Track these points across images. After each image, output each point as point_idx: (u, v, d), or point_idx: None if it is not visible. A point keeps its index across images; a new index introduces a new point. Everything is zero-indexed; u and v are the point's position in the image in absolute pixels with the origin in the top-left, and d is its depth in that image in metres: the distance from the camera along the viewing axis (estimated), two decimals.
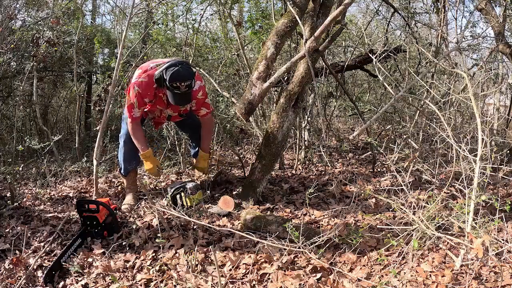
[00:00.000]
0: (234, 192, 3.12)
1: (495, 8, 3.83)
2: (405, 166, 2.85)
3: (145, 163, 2.81)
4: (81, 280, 1.99)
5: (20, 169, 4.13)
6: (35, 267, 2.09)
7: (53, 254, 2.25)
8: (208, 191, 3.08)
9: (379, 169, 3.65)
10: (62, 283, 1.98)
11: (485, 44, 4.36)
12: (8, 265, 2.09)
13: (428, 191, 2.58)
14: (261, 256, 2.06)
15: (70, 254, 2.19)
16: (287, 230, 2.03)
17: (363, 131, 4.33)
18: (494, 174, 2.09)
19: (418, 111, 3.87)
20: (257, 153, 3.09)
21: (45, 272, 1.99)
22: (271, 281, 1.87)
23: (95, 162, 3.08)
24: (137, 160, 3.05)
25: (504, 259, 1.84)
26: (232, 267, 2.01)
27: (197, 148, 3.36)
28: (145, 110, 2.75)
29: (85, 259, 2.17)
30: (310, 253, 1.92)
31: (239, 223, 2.51)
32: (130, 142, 2.87)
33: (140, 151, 2.79)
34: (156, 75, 2.56)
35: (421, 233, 1.87)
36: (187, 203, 2.78)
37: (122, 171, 3.05)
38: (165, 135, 4.40)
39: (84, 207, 2.39)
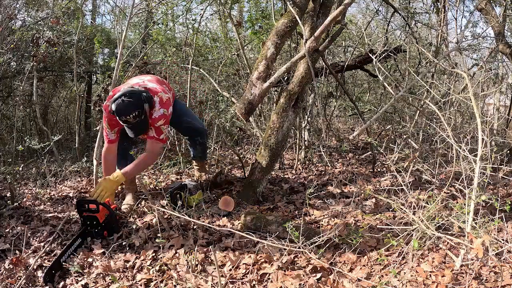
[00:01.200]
0: (234, 192, 3.12)
1: (495, 8, 3.84)
2: (405, 166, 2.85)
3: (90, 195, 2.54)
4: (81, 280, 1.99)
5: (20, 169, 4.13)
6: (35, 267, 2.09)
7: (53, 254, 2.24)
8: (208, 191, 3.08)
9: (379, 169, 3.65)
10: (62, 283, 1.98)
11: (485, 44, 4.37)
12: (8, 265, 2.09)
13: (428, 191, 2.58)
14: (261, 256, 2.06)
15: (70, 254, 2.19)
16: (287, 230, 2.03)
17: (363, 131, 4.33)
18: (494, 174, 2.09)
19: (418, 111, 3.87)
20: (257, 153, 3.09)
21: (44, 271, 1.99)
22: (271, 281, 1.87)
23: (95, 162, 3.08)
24: (130, 160, 3.04)
25: (504, 259, 1.84)
26: (232, 267, 2.01)
27: (196, 149, 3.35)
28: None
29: (85, 259, 2.17)
30: (310, 253, 1.92)
31: (239, 223, 2.51)
32: (118, 146, 2.82)
33: (103, 174, 2.67)
34: (109, 109, 2.46)
35: (421, 233, 1.87)
36: (187, 203, 2.78)
37: None
38: None
39: (84, 207, 2.38)
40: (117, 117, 2.43)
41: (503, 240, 1.92)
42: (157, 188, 3.38)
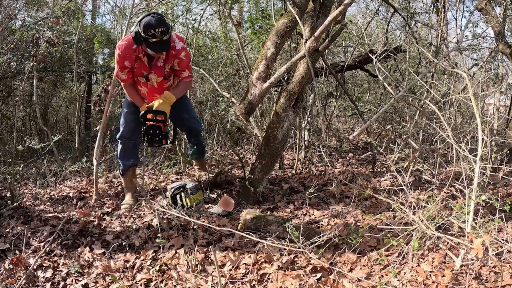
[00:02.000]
0: (234, 192, 3.12)
1: (495, 8, 3.84)
2: (405, 166, 2.85)
3: (156, 107, 2.72)
4: (81, 280, 1.99)
5: (20, 169, 4.13)
6: (35, 267, 2.09)
7: (53, 254, 2.25)
8: (208, 191, 3.08)
9: (379, 169, 3.65)
10: (62, 283, 1.99)
11: (485, 44, 4.37)
12: (8, 265, 2.09)
13: (428, 191, 2.58)
14: (261, 256, 2.06)
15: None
16: (287, 230, 2.03)
17: (363, 131, 4.33)
18: (494, 174, 2.09)
19: (418, 111, 3.87)
20: (257, 153, 3.08)
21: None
22: (271, 281, 1.87)
23: (95, 162, 3.08)
24: (134, 159, 3.06)
25: (504, 259, 1.84)
26: (232, 267, 2.01)
27: (195, 146, 3.37)
28: (134, 69, 2.78)
29: (85, 259, 2.17)
30: (310, 253, 1.92)
31: (239, 223, 2.51)
32: (125, 142, 2.97)
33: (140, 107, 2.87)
34: (132, 33, 2.59)
35: (421, 233, 1.87)
36: (187, 203, 2.79)
37: (120, 170, 3.07)
38: None
39: (151, 117, 2.62)
40: (145, 32, 2.48)
41: (503, 240, 1.92)
42: (157, 188, 3.38)
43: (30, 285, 1.98)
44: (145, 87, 2.86)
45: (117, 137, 3.02)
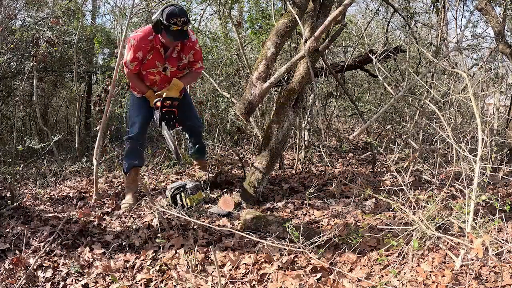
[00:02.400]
0: (234, 192, 3.12)
1: (495, 8, 3.84)
2: (405, 166, 2.85)
3: (167, 94, 2.92)
4: (81, 280, 1.99)
5: (20, 169, 4.13)
6: (35, 267, 2.09)
7: (53, 254, 2.25)
8: (208, 191, 3.08)
9: (379, 169, 3.65)
10: (62, 283, 1.99)
11: (485, 44, 4.37)
12: (8, 265, 2.09)
13: (428, 191, 2.57)
14: (261, 256, 2.06)
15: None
16: (287, 230, 2.03)
17: (363, 131, 4.33)
18: (494, 174, 2.09)
19: (418, 111, 3.87)
20: (257, 153, 3.09)
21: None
22: (271, 281, 1.87)
23: (95, 162, 3.09)
24: (139, 160, 3.08)
25: (504, 259, 1.84)
26: (232, 267, 2.01)
27: (196, 146, 3.37)
28: (145, 61, 2.85)
29: (85, 259, 2.17)
30: (310, 253, 1.92)
31: (239, 223, 2.51)
32: (133, 142, 3.02)
33: (143, 93, 3.01)
34: (153, 21, 2.69)
35: (421, 233, 1.87)
36: (187, 203, 2.79)
37: (124, 169, 3.08)
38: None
39: (166, 104, 2.84)
40: (167, 20, 2.60)
41: (503, 240, 1.92)
42: (157, 188, 3.38)
43: (30, 285, 1.98)
44: (159, 75, 2.94)
45: (126, 137, 3.09)
